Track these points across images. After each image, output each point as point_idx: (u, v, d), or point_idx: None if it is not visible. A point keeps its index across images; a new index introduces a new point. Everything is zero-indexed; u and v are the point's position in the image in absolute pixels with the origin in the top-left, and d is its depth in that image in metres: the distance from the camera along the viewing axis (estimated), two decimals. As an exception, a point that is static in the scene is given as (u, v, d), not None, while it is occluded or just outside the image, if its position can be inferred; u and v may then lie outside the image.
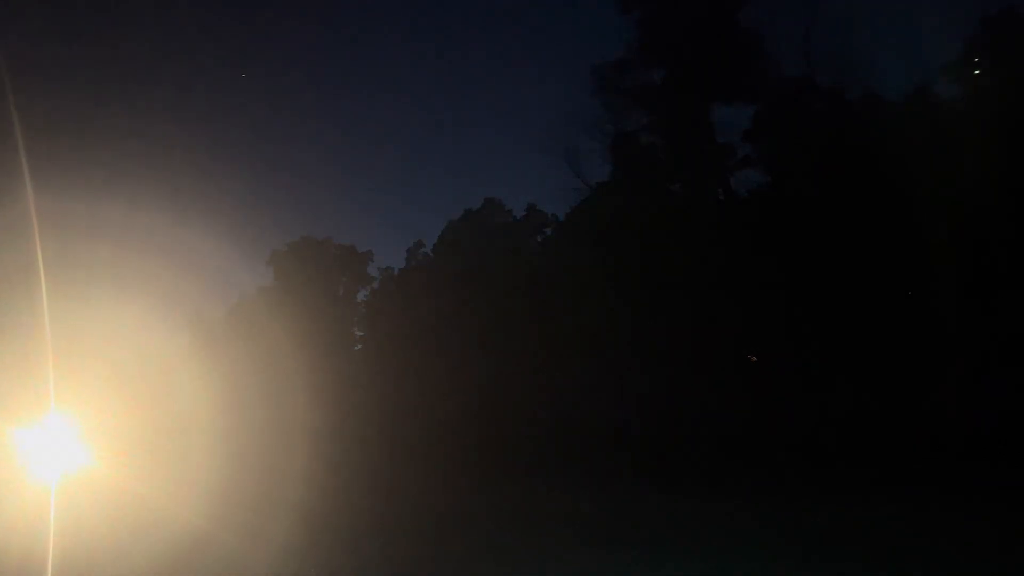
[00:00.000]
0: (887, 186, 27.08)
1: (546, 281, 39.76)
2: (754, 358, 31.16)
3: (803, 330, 27.37)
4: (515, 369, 41.01)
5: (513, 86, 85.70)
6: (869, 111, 30.05)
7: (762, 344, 29.24)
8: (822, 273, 27.08)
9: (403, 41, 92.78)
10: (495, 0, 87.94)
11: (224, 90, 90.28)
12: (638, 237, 33.69)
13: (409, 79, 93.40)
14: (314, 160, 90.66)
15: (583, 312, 36.88)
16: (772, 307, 28.51)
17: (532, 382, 39.68)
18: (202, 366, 45.91)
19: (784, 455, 26.09)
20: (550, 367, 38.66)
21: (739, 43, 34.68)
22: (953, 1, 44.03)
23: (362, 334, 57.36)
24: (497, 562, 17.58)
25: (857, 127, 29.26)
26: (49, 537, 18.59)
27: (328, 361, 48.04)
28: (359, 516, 25.37)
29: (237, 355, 47.06)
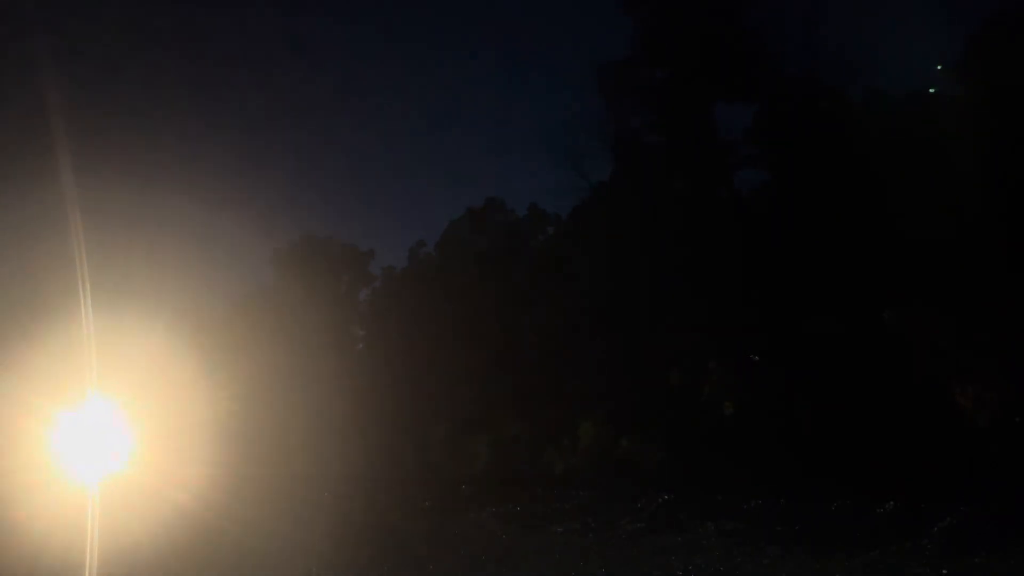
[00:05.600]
0: (890, 184, 27.02)
1: (548, 280, 39.72)
2: (756, 357, 31.06)
3: (805, 327, 27.28)
4: (518, 368, 40.94)
5: (516, 85, 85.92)
6: (872, 109, 29.97)
7: (763, 342, 29.17)
8: (824, 269, 27.02)
9: (406, 41, 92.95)
10: (498, 0, 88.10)
11: (227, 90, 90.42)
12: (640, 235, 33.66)
13: (412, 79, 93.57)
14: (317, 159, 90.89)
15: (585, 311, 36.83)
16: (773, 304, 28.45)
17: (535, 381, 39.60)
18: (203, 363, 45.90)
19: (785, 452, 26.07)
20: (552, 365, 38.59)
21: (742, 42, 34.59)
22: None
23: (364, 333, 57.23)
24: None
25: (860, 125, 29.18)
26: (88, 527, 19.34)
27: (329, 360, 47.96)
28: (354, 517, 25.47)
29: (237, 353, 47.05)
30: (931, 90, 29.79)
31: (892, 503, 18.77)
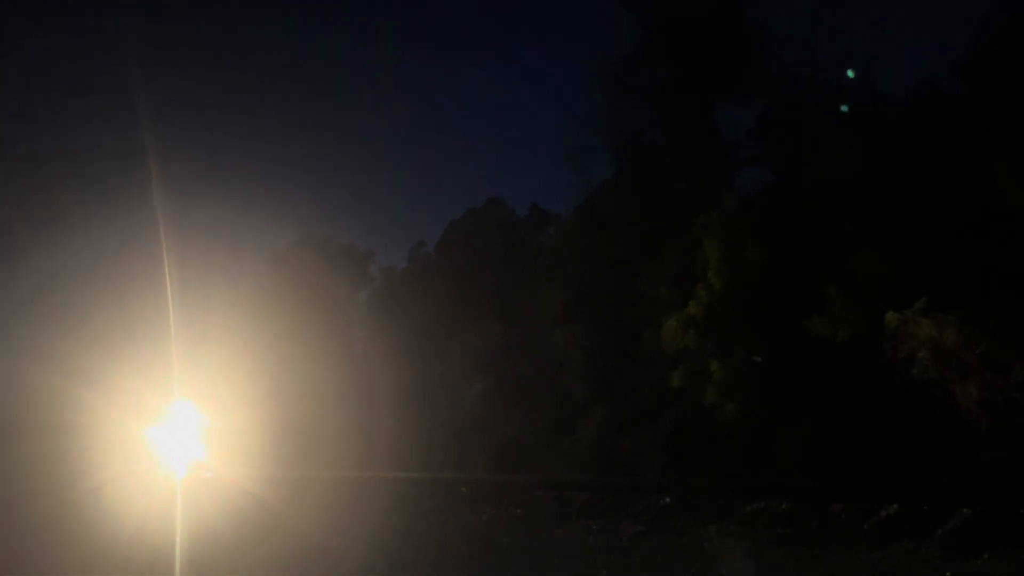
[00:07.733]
0: (893, 185, 26.88)
1: (548, 280, 39.63)
2: (758, 358, 30.95)
3: (807, 328, 27.15)
4: (518, 368, 40.87)
5: (517, 85, 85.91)
6: (875, 109, 29.84)
7: (765, 342, 29.05)
8: (826, 269, 26.89)
9: (406, 40, 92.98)
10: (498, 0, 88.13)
11: (227, 90, 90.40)
12: (641, 235, 33.56)
13: (412, 78, 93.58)
14: (316, 160, 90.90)
15: (586, 311, 36.73)
16: (775, 305, 28.33)
17: (535, 381, 39.53)
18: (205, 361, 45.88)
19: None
20: (553, 366, 38.51)
21: (745, 41, 34.47)
22: None
23: (364, 334, 57.11)
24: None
25: (863, 125, 29.05)
26: (176, 526, 20.48)
27: (329, 361, 47.88)
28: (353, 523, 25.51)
29: (235, 353, 47.02)
30: (938, 88, 29.60)
31: (895, 505, 18.62)
